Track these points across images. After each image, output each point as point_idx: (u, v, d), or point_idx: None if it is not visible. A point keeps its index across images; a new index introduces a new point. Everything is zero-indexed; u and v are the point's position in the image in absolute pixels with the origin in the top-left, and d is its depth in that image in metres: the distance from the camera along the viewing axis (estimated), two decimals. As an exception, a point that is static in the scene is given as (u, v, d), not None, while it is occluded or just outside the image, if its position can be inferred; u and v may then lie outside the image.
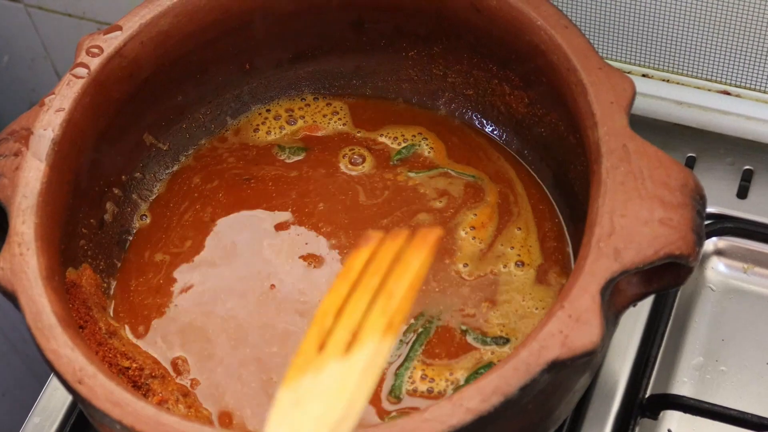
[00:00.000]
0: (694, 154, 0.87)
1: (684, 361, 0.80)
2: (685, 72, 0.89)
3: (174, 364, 0.73)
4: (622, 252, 0.62)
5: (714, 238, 0.84)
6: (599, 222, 0.64)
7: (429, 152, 0.81)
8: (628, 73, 0.90)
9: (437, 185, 0.80)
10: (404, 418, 0.59)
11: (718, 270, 0.84)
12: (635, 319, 0.79)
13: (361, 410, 0.51)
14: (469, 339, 0.73)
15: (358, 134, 0.83)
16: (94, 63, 0.74)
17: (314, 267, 0.76)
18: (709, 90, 0.89)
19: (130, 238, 0.79)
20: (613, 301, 0.66)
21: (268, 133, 0.84)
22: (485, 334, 0.73)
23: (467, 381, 0.71)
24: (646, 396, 0.77)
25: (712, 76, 0.89)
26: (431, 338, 0.73)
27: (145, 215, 0.80)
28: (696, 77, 0.89)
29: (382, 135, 0.83)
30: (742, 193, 0.85)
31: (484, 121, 0.83)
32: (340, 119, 0.84)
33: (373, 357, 0.52)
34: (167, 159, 0.82)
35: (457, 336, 0.73)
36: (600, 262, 0.62)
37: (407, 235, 0.57)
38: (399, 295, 0.54)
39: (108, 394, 0.61)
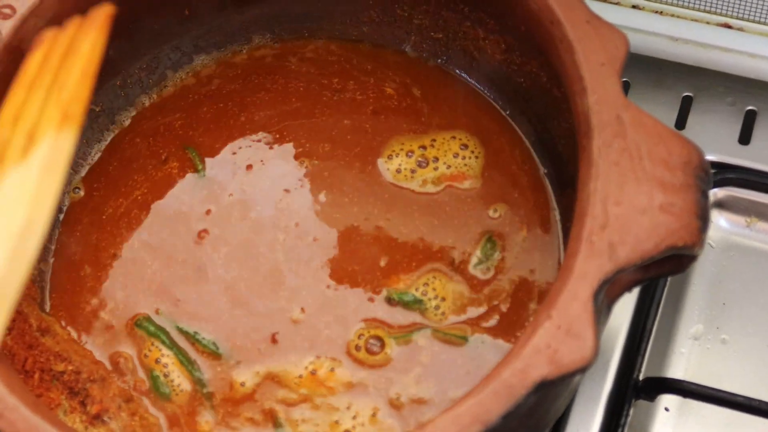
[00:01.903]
0: (690, 94, 0.80)
1: (682, 330, 0.73)
2: (680, 3, 0.82)
3: (114, 361, 0.66)
4: (618, 247, 0.55)
5: (714, 189, 0.77)
6: (591, 211, 0.56)
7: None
8: (617, 4, 0.82)
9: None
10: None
11: (718, 225, 0.77)
12: (628, 287, 0.72)
13: (46, 211, 0.48)
14: None
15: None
16: (6, 26, 0.65)
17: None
18: (707, 23, 0.82)
19: (62, 216, 0.71)
20: (606, 291, 0.59)
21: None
22: None
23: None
24: (642, 377, 0.70)
25: (711, 7, 0.82)
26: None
27: (77, 188, 0.72)
28: (693, 8, 0.82)
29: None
30: (745, 138, 0.79)
31: (456, 70, 0.74)
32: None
33: (50, 153, 0.49)
34: (102, 122, 0.73)
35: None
36: (592, 261, 0.55)
37: (77, 23, 0.53)
38: (71, 83, 0.50)
39: (32, 429, 0.54)
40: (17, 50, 0.65)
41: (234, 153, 0.72)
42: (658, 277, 0.60)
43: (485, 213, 0.69)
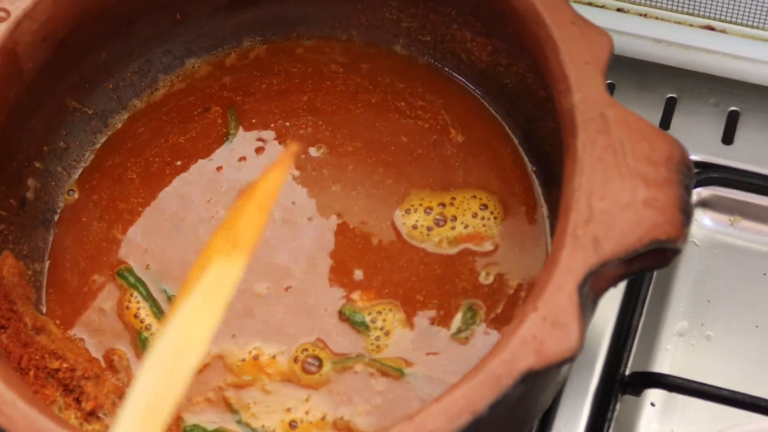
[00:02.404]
0: (674, 95, 0.81)
1: (667, 327, 0.74)
2: (664, 6, 0.83)
3: (108, 359, 0.67)
4: (602, 241, 0.56)
5: (698, 189, 0.78)
6: (575, 206, 0.57)
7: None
8: (602, 7, 0.83)
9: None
10: (362, 443, 0.53)
11: (702, 224, 0.78)
12: (614, 284, 0.73)
13: (205, 335, 0.48)
14: None
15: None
16: (1, 29, 0.65)
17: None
18: (691, 25, 0.83)
19: (56, 218, 0.72)
20: (592, 286, 0.60)
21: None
22: None
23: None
24: (628, 372, 0.71)
25: (694, 9, 0.83)
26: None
27: (72, 190, 0.73)
28: (677, 11, 0.83)
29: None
30: (728, 138, 0.79)
31: (447, 69, 0.75)
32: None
33: (216, 279, 0.49)
34: (95, 124, 0.74)
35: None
36: (577, 255, 0.55)
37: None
38: (245, 215, 0.51)
39: (29, 423, 0.55)
40: (12, 53, 0.65)
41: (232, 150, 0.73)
42: (643, 271, 0.61)
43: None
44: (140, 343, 0.67)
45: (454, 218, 0.69)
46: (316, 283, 0.68)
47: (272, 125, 0.74)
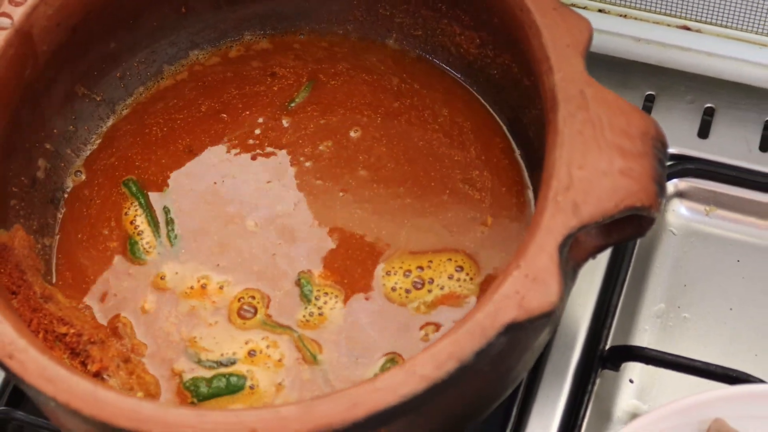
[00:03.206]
0: (653, 92, 0.84)
1: (645, 308, 0.78)
2: (643, 7, 0.87)
3: (113, 326, 0.70)
4: (581, 206, 0.59)
5: (675, 180, 0.82)
6: (556, 175, 0.60)
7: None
8: (584, 8, 0.87)
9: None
10: (354, 388, 0.56)
11: (679, 213, 0.82)
12: (595, 266, 0.77)
13: None
14: None
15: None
16: (18, 12, 0.69)
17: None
18: (668, 25, 0.87)
19: (65, 196, 0.75)
20: (572, 254, 0.63)
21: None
22: None
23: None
24: (607, 347, 0.74)
25: (671, 10, 0.86)
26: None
27: (79, 171, 0.76)
28: (655, 12, 0.87)
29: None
30: (704, 133, 0.83)
31: (436, 60, 0.79)
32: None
33: None
34: (102, 111, 0.78)
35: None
36: (557, 218, 0.59)
37: None
38: None
39: (41, 369, 0.58)
40: (27, 35, 0.69)
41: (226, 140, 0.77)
42: (621, 241, 0.64)
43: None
44: (129, 247, 0.72)
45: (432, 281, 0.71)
46: (292, 242, 0.72)
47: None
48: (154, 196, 0.74)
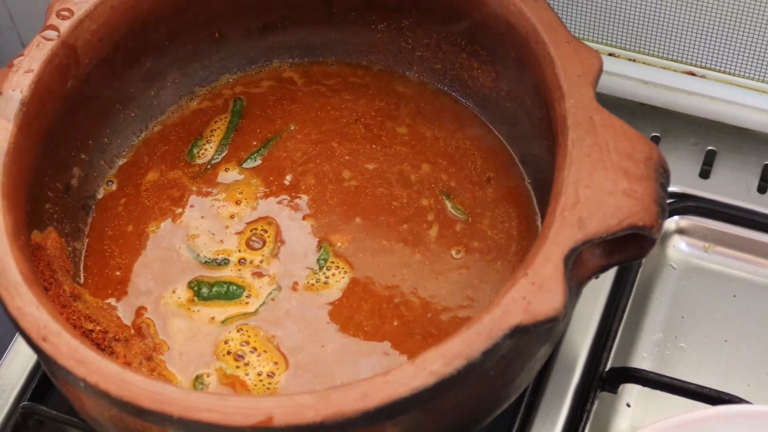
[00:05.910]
0: (658, 134, 0.88)
1: (644, 336, 0.81)
2: (651, 52, 0.90)
3: (137, 327, 0.73)
4: (586, 221, 0.63)
5: (676, 217, 0.85)
6: (564, 192, 0.64)
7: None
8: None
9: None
10: (366, 380, 0.59)
11: (679, 248, 0.85)
12: (597, 293, 0.80)
13: None
14: None
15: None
16: (64, 26, 0.73)
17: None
18: (674, 70, 0.90)
19: (96, 204, 0.79)
20: (576, 271, 0.67)
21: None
22: None
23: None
24: (606, 369, 0.77)
25: (677, 56, 0.90)
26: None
27: (111, 181, 0.80)
28: (662, 57, 0.90)
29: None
30: (705, 173, 0.86)
31: (453, 93, 0.83)
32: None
33: None
34: (135, 126, 0.82)
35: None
36: (564, 231, 0.63)
37: None
38: None
39: (72, 351, 0.61)
40: (72, 47, 0.74)
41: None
42: (622, 262, 0.68)
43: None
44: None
45: None
46: (340, 202, 0.78)
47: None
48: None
